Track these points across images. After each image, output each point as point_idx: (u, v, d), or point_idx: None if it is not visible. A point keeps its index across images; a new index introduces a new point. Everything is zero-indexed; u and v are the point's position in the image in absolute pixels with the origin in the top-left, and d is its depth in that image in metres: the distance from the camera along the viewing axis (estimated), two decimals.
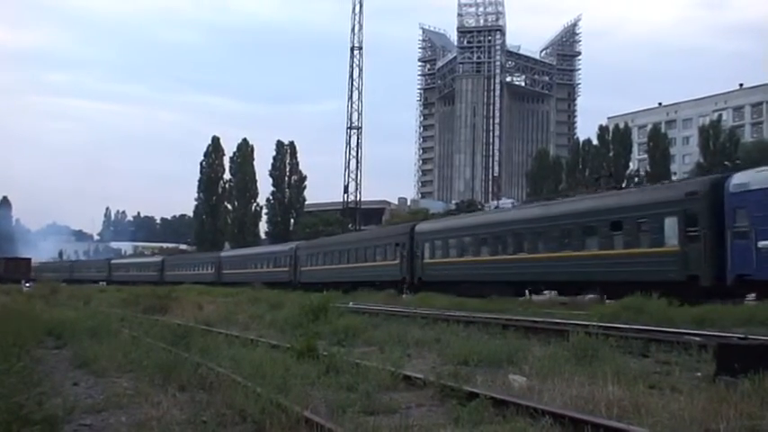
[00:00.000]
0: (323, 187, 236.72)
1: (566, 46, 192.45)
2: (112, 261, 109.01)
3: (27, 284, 56.67)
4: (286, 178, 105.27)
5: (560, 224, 33.35)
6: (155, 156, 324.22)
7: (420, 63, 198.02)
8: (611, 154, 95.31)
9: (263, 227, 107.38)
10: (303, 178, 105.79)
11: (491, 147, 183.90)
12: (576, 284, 31.24)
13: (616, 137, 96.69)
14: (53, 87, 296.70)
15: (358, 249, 52.73)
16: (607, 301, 27.01)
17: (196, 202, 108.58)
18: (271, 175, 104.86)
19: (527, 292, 33.83)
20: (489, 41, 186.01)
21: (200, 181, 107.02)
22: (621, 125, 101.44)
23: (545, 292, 33.92)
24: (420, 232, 45.12)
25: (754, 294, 23.85)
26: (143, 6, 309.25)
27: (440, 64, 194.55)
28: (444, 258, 41.91)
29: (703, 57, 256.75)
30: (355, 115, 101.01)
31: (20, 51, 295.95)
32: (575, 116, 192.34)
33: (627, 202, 31.43)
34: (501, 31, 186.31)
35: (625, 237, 29.38)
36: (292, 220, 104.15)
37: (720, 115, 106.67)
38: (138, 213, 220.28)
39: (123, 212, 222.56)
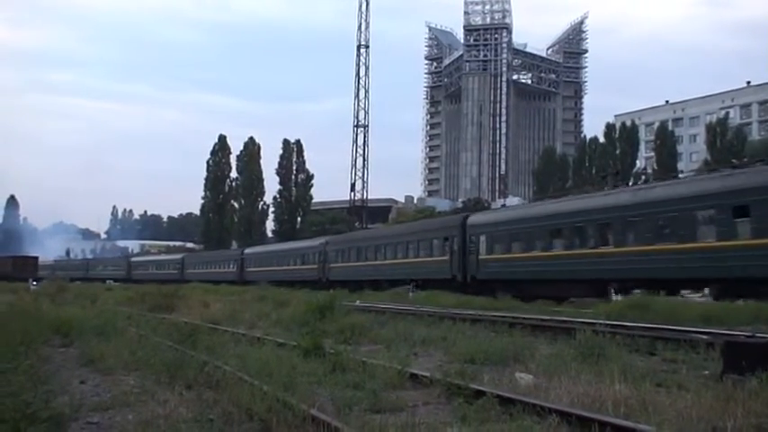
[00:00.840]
0: (329, 185, 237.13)
1: (572, 44, 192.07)
2: (132, 259, 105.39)
3: (34, 283, 56.73)
4: (293, 177, 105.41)
5: (659, 211, 28.40)
6: (160, 154, 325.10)
7: (426, 61, 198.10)
8: (617, 152, 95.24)
9: (269, 225, 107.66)
10: (310, 177, 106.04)
11: (498, 145, 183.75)
12: (678, 282, 26.94)
13: (623, 135, 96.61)
14: (56, 87, 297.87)
15: (398, 244, 48.32)
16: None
17: (203, 201, 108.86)
18: (277, 173, 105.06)
19: (612, 291, 29.09)
20: (496, 39, 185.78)
21: (206, 179, 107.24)
22: (628, 123, 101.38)
23: (635, 291, 27.78)
24: (474, 225, 40.34)
25: None
26: (145, 5, 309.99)
27: (446, 62, 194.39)
28: (505, 254, 36.70)
29: (709, 54, 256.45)
30: (362, 113, 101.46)
31: (22, 51, 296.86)
32: (581, 114, 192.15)
33: (756, 182, 25.86)
34: (507, 29, 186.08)
35: (754, 224, 24.57)
36: (299, 219, 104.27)
37: (727, 113, 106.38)
38: (145, 212, 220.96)
39: (130, 211, 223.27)
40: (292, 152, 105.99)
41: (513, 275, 35.39)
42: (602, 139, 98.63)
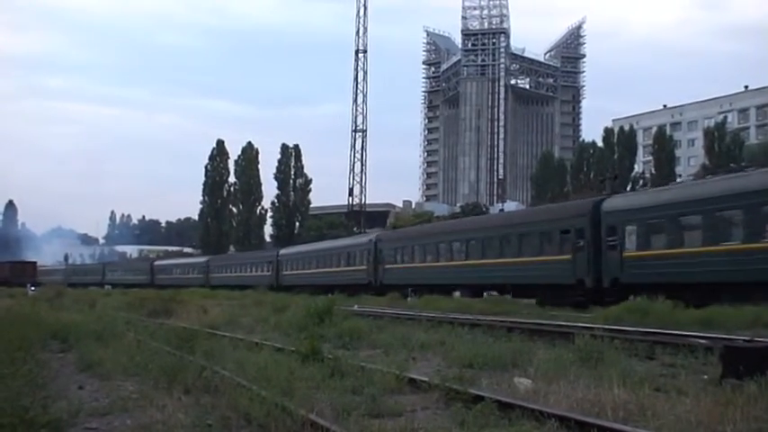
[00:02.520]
0: (328, 190, 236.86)
1: (570, 48, 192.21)
2: (156, 263, 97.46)
3: (32, 288, 56.71)
4: (291, 181, 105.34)
5: None
6: (158, 159, 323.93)
7: (424, 66, 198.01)
8: (615, 156, 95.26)
9: (267, 230, 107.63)
10: (308, 181, 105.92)
11: (496, 149, 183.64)
12: None
13: (621, 139, 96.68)
14: (53, 92, 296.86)
15: (490, 239, 37.64)
16: None
17: (201, 206, 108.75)
18: (276, 178, 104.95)
19: None
20: (494, 44, 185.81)
21: (204, 184, 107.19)
22: (626, 127, 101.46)
23: None
24: (613, 211, 30.04)
25: None
26: (142, 10, 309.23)
27: (444, 67, 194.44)
28: (673, 248, 26.80)
29: (707, 58, 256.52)
30: (360, 118, 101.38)
31: (19, 56, 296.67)
32: (579, 118, 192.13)
33: None
34: (505, 33, 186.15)
35: None
36: (297, 224, 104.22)
37: (725, 117, 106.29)
38: (143, 217, 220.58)
39: (128, 216, 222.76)
40: (290, 157, 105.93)
41: (683, 277, 25.97)
42: (600, 144, 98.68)
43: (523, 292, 34.35)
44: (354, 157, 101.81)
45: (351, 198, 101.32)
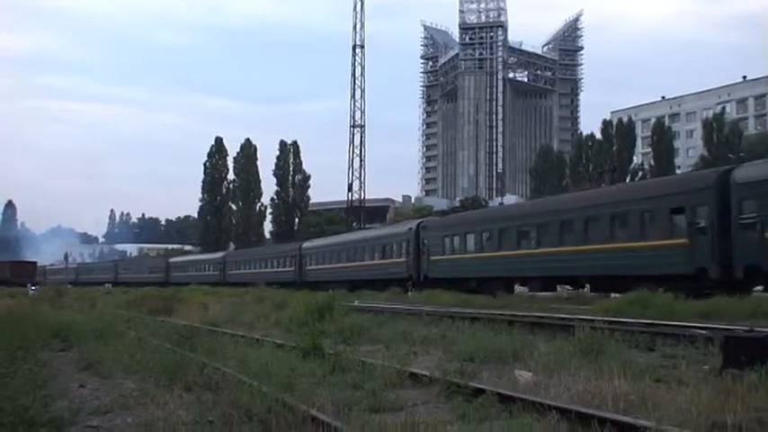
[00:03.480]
0: (327, 186, 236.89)
1: (568, 41, 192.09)
2: (171, 260, 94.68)
3: (32, 288, 56.74)
4: (290, 178, 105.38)
5: None
6: (157, 157, 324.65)
7: (422, 60, 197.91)
8: (614, 148, 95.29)
9: (267, 227, 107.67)
10: (307, 177, 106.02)
11: (494, 143, 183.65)
12: None
13: (619, 131, 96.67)
14: (52, 91, 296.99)
15: (570, 222, 31.92)
16: None
17: (200, 203, 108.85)
18: (275, 174, 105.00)
19: None
20: (491, 38, 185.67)
21: (203, 182, 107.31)
22: (625, 119, 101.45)
23: None
24: (750, 182, 24.54)
25: None
26: (139, 8, 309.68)
27: (442, 61, 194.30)
28: None
29: (705, 49, 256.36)
30: (358, 113, 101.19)
31: (18, 55, 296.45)
32: (578, 111, 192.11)
33: None
34: (503, 27, 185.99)
35: None
36: (297, 220, 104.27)
37: (724, 108, 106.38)
38: (143, 215, 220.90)
39: (128, 214, 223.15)
40: (289, 153, 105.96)
41: None
42: (598, 136, 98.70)
43: (611, 285, 29.21)
44: (353, 152, 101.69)
45: (350, 194, 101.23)
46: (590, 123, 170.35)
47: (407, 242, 44.31)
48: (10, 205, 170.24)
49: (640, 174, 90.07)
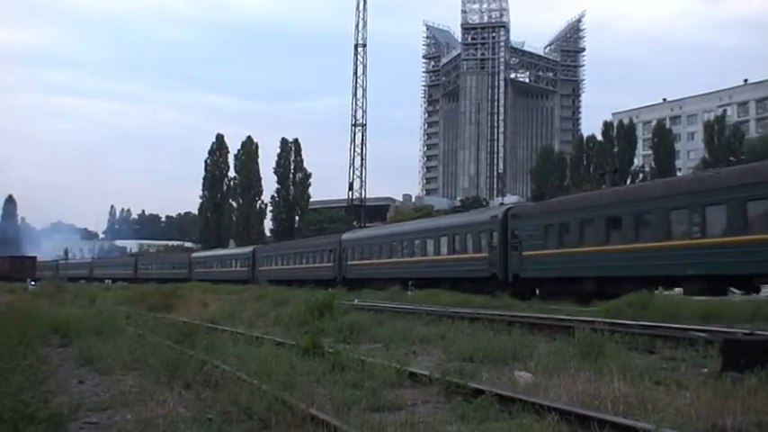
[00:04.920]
0: (328, 184, 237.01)
1: (570, 42, 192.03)
2: (194, 255, 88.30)
3: (32, 283, 56.74)
4: (291, 176, 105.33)
5: None
6: (158, 154, 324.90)
7: (424, 60, 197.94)
8: (615, 150, 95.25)
9: (267, 224, 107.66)
10: (308, 176, 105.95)
11: (495, 143, 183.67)
12: None
13: (620, 133, 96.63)
14: (52, 86, 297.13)
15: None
16: None
17: (201, 200, 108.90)
18: (275, 172, 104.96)
19: None
20: (493, 38, 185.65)
21: (204, 179, 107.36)
22: (626, 121, 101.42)
23: None
24: None
25: None
26: (140, 4, 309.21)
27: (444, 61, 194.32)
28: None
29: (706, 52, 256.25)
30: (360, 112, 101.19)
31: (17, 50, 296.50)
32: (579, 112, 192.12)
33: None
34: (505, 27, 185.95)
35: None
36: (297, 218, 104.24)
37: (725, 111, 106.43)
38: (143, 211, 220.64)
39: (128, 210, 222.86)
40: (290, 151, 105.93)
41: None
42: (599, 138, 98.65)
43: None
44: (354, 151, 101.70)
45: (351, 192, 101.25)
46: (591, 124, 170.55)
47: (490, 233, 36.28)
48: (10, 200, 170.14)
49: (641, 176, 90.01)
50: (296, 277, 54.08)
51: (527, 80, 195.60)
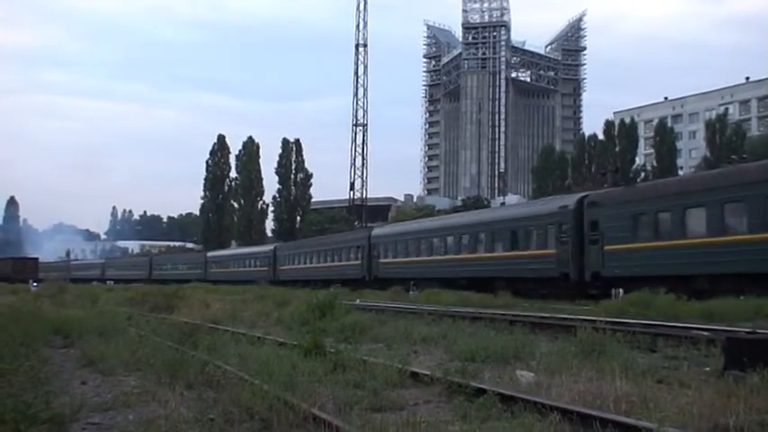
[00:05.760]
0: (329, 185, 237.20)
1: (571, 41, 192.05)
2: (209, 254, 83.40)
3: (34, 284, 56.73)
4: (292, 176, 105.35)
5: None
6: (159, 155, 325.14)
7: (425, 59, 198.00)
8: (617, 149, 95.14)
9: (269, 225, 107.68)
10: (309, 176, 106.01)
11: (497, 143, 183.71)
12: None
13: (622, 132, 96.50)
14: (54, 87, 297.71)
15: None
16: None
17: (202, 201, 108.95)
18: (277, 172, 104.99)
19: None
20: (494, 37, 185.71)
21: (206, 179, 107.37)
22: (627, 120, 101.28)
23: None
24: None
25: None
26: (141, 4, 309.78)
27: (445, 60, 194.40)
28: None
29: (708, 50, 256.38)
30: (361, 112, 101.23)
31: (19, 51, 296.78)
32: (580, 111, 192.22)
33: None
34: (506, 26, 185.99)
35: None
36: (299, 218, 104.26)
37: (727, 109, 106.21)
38: (145, 212, 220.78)
39: (130, 211, 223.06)
40: (291, 151, 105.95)
41: None
42: (601, 137, 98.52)
43: None
44: (355, 151, 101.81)
45: (352, 192, 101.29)
46: (592, 123, 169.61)
47: (559, 226, 31.69)
48: (12, 202, 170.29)
49: (643, 174, 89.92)
50: (320, 277, 50.93)
51: (528, 79, 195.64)
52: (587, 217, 30.48)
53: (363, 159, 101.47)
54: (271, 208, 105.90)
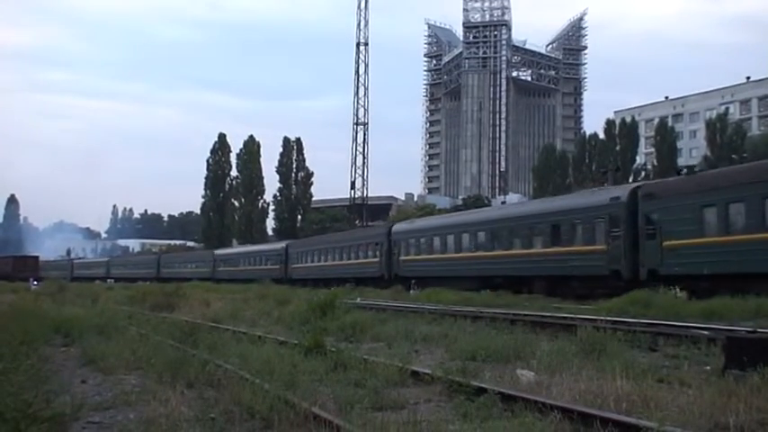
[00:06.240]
0: (330, 184, 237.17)
1: (571, 40, 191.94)
2: (217, 252, 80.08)
3: (35, 283, 56.76)
4: (293, 175, 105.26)
5: None
6: (160, 153, 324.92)
7: (426, 58, 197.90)
8: (617, 148, 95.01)
9: (270, 224, 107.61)
10: (310, 175, 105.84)
11: (497, 142, 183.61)
12: None
13: (623, 131, 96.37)
14: (54, 86, 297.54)
15: None
16: None
17: (203, 200, 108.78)
18: (278, 171, 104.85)
19: None
20: (495, 36, 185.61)
21: (206, 178, 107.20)
22: (628, 119, 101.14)
23: None
24: None
25: None
26: (141, 4, 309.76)
27: (446, 59, 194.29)
28: None
29: (708, 49, 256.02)
30: (361, 111, 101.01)
31: (17, 50, 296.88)
32: (581, 110, 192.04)
33: None
34: (507, 25, 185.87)
35: None
36: (299, 217, 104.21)
37: (727, 108, 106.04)
38: (146, 211, 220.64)
39: (130, 210, 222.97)
40: (292, 150, 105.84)
41: None
42: (601, 136, 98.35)
43: None
44: (356, 150, 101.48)
45: (353, 191, 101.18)
46: (593, 123, 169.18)
47: (609, 219, 29.11)
48: (12, 200, 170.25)
49: (643, 174, 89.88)
50: (336, 275, 48.12)
51: (529, 78, 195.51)
52: (642, 209, 27.81)
53: (364, 158, 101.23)
54: (271, 207, 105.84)
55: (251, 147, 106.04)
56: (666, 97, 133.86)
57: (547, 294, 29.01)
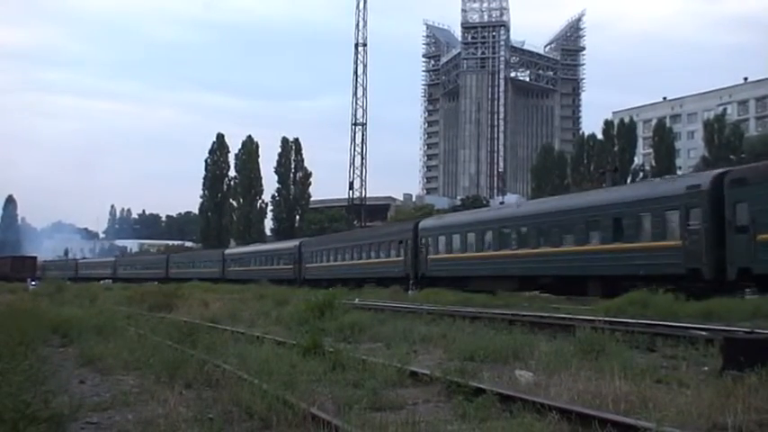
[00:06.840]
0: (328, 184, 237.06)
1: (570, 41, 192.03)
2: (227, 252, 77.97)
3: (32, 283, 56.72)
4: (291, 175, 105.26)
5: None
6: (158, 154, 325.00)
7: (424, 59, 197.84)
8: (615, 149, 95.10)
9: (268, 224, 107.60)
10: (308, 175, 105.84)
11: (496, 142, 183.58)
12: None
13: (621, 131, 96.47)
14: (52, 86, 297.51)
15: None
16: None
17: (201, 200, 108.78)
18: (276, 171, 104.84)
19: None
20: (493, 37, 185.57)
21: (205, 178, 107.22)
22: (626, 120, 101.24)
23: None
24: None
25: None
26: (138, 4, 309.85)
27: (444, 60, 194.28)
28: None
29: (706, 50, 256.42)
30: (360, 112, 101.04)
31: (17, 50, 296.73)
32: (579, 111, 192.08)
33: None
34: (505, 26, 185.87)
35: None
36: (298, 217, 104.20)
37: (725, 109, 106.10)
38: (144, 211, 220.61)
39: (128, 210, 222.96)
40: (291, 150, 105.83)
41: None
42: (600, 136, 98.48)
43: None
44: (354, 150, 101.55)
45: (351, 192, 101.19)
46: (591, 123, 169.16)
47: (685, 210, 25.44)
48: (10, 200, 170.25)
49: (641, 174, 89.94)
50: (354, 275, 45.87)
51: (527, 79, 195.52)
52: (729, 198, 24.03)
53: (362, 159, 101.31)
54: (270, 207, 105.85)
55: (249, 147, 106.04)
56: (664, 98, 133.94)
57: (602, 296, 26.06)
